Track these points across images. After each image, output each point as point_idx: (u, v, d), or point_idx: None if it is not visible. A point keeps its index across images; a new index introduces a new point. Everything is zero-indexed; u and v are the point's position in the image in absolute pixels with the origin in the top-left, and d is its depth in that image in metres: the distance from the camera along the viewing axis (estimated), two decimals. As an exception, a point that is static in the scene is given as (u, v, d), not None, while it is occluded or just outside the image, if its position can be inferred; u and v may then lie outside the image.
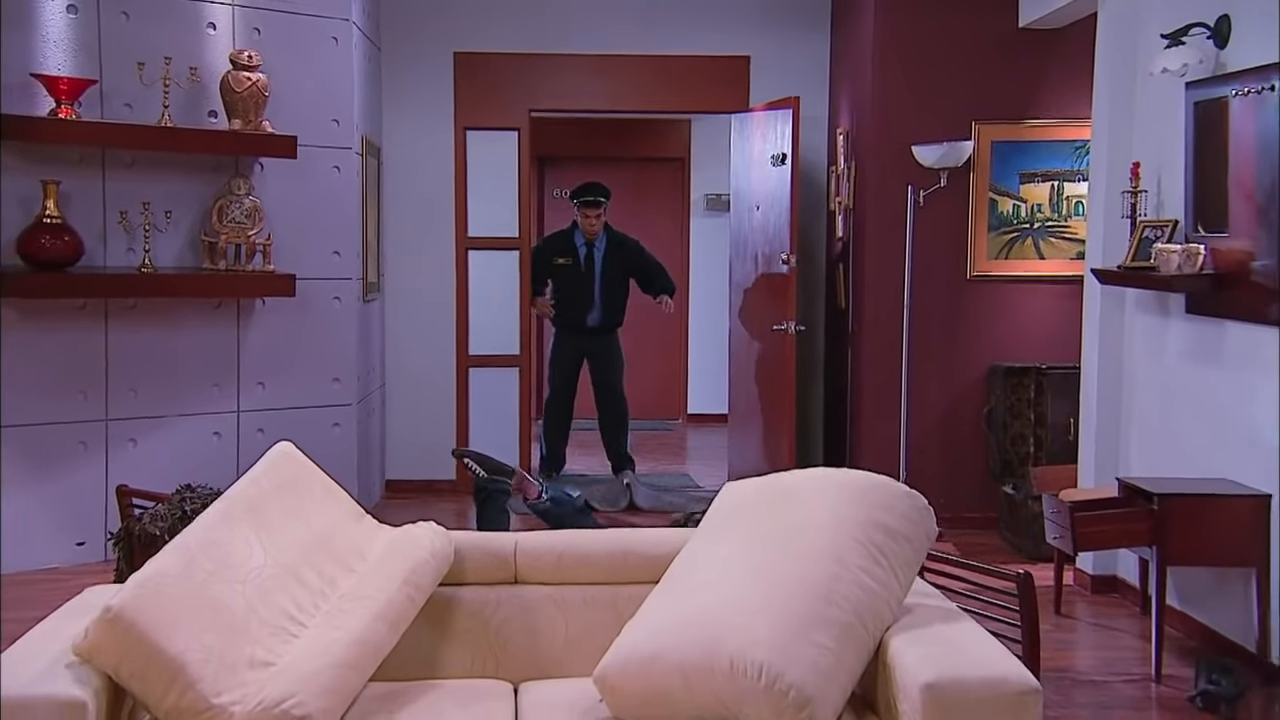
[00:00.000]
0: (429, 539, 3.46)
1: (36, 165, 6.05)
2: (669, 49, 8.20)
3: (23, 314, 6.10)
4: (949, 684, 2.90)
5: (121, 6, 6.26)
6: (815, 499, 3.37)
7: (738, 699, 2.98)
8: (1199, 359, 5.33)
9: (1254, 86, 4.88)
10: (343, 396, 7.04)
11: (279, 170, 6.69)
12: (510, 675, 3.48)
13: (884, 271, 7.37)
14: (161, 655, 2.86)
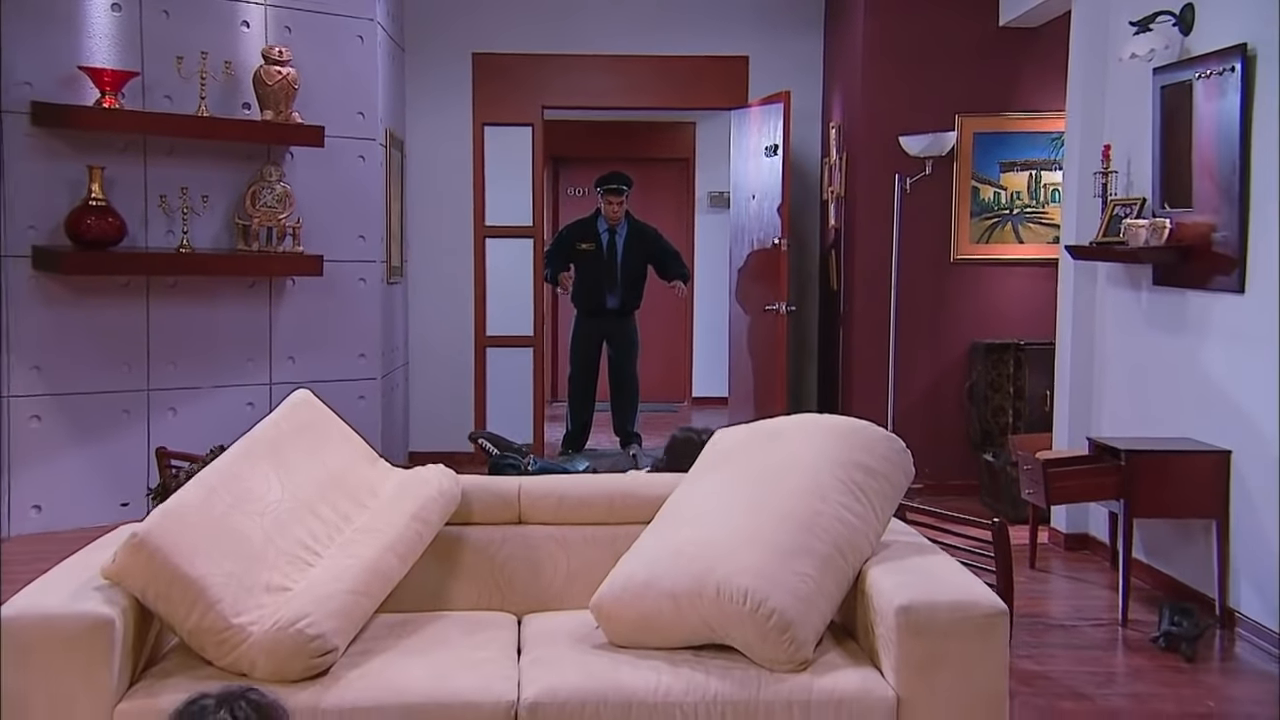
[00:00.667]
0: (437, 479, 3.44)
1: (83, 152, 6.04)
2: (672, 50, 8.17)
3: (72, 291, 6.10)
4: (922, 607, 2.89)
5: (162, 5, 6.25)
6: (800, 441, 3.35)
7: (724, 623, 2.97)
8: (1165, 328, 5.29)
9: (1216, 69, 4.84)
10: (367, 371, 7.02)
11: (308, 159, 6.67)
12: (514, 608, 3.47)
13: (873, 255, 7.34)
14: (184, 579, 2.85)
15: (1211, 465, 4.73)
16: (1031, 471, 5.10)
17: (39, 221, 6.01)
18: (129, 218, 6.14)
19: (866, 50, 7.31)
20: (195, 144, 6.34)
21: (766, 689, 2.87)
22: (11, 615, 2.75)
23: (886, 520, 3.26)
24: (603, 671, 2.95)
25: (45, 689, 2.72)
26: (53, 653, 2.72)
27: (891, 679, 2.90)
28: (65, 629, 2.74)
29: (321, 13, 6.74)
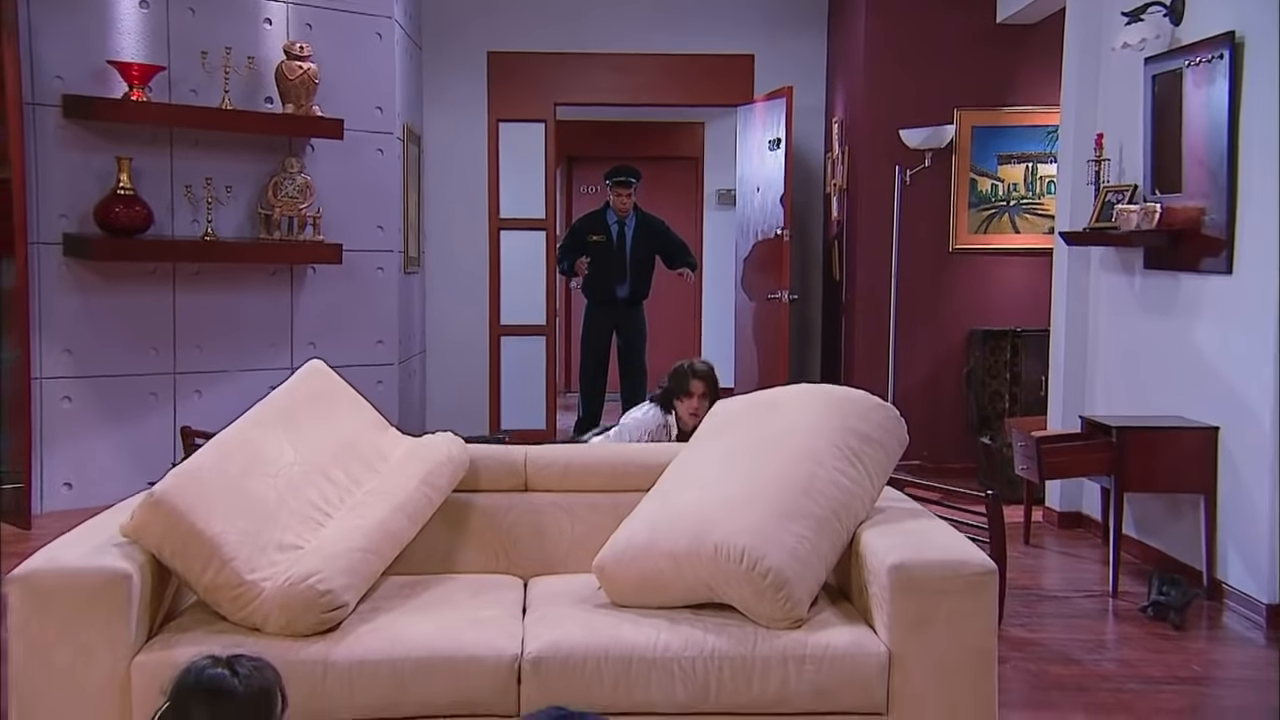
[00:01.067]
0: (446, 445, 3.44)
1: (111, 143, 6.04)
2: (680, 48, 8.16)
3: (102, 277, 6.11)
4: (914, 565, 2.87)
5: (188, 2, 6.26)
6: (797, 409, 3.33)
7: (722, 581, 2.95)
8: (1156, 310, 5.25)
9: (1205, 57, 4.80)
10: (385, 357, 7.01)
11: (328, 151, 6.67)
12: (520, 571, 3.46)
13: (874, 245, 7.31)
14: (199, 536, 2.84)
15: (1200, 441, 4.70)
16: (1026, 448, 5.07)
17: (70, 210, 6.01)
18: (156, 207, 6.15)
19: (868, 46, 7.29)
20: (219, 136, 6.34)
21: (762, 645, 2.86)
22: (34, 569, 2.76)
23: (881, 485, 3.25)
24: (604, 628, 2.93)
25: (66, 640, 2.71)
26: (73, 605, 2.72)
27: (884, 636, 2.88)
28: (85, 583, 2.74)
29: (341, 10, 6.74)
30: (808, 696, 2.83)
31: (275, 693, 2.26)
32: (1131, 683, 3.76)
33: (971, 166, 7.26)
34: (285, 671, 2.51)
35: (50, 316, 6.00)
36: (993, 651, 2.86)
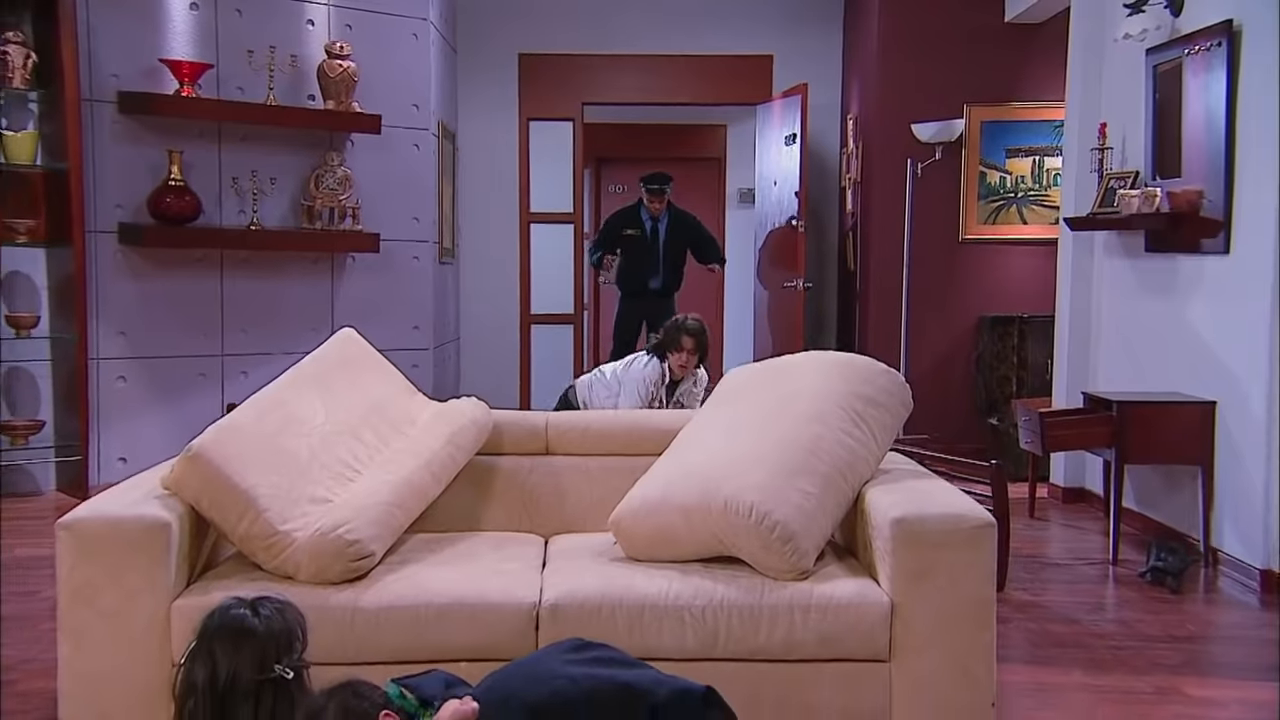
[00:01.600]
0: (471, 409, 3.44)
1: (163, 137, 6.09)
2: (703, 49, 8.15)
3: (154, 264, 6.16)
4: (915, 519, 2.85)
5: (235, 4, 6.30)
6: (805, 374, 3.31)
7: (731, 535, 2.94)
8: (1156, 291, 5.20)
9: (1204, 45, 4.75)
10: (421, 341, 7.03)
11: (366, 145, 6.69)
12: (541, 530, 3.46)
13: (887, 236, 7.27)
14: (235, 489, 2.86)
15: (1197, 415, 4.65)
16: (1030, 422, 5.03)
17: (124, 200, 6.07)
18: (204, 197, 6.19)
19: (882, 45, 7.25)
20: (264, 130, 6.36)
21: (769, 594, 2.84)
22: (80, 517, 2.78)
23: (886, 446, 3.22)
24: (619, 579, 2.93)
25: (110, 584, 2.73)
26: (117, 551, 2.74)
27: (886, 586, 2.86)
28: (127, 530, 2.76)
29: (380, 13, 6.76)
30: (813, 644, 2.81)
31: (295, 633, 2.27)
32: (1129, 641, 3.72)
33: (980, 160, 7.21)
34: (315, 617, 2.54)
35: (106, 301, 6.05)
36: (991, 602, 2.83)
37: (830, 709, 2.82)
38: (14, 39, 5.71)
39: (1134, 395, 4.90)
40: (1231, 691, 3.29)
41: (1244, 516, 4.46)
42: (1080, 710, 3.13)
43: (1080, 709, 3.14)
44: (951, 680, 2.81)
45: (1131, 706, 3.14)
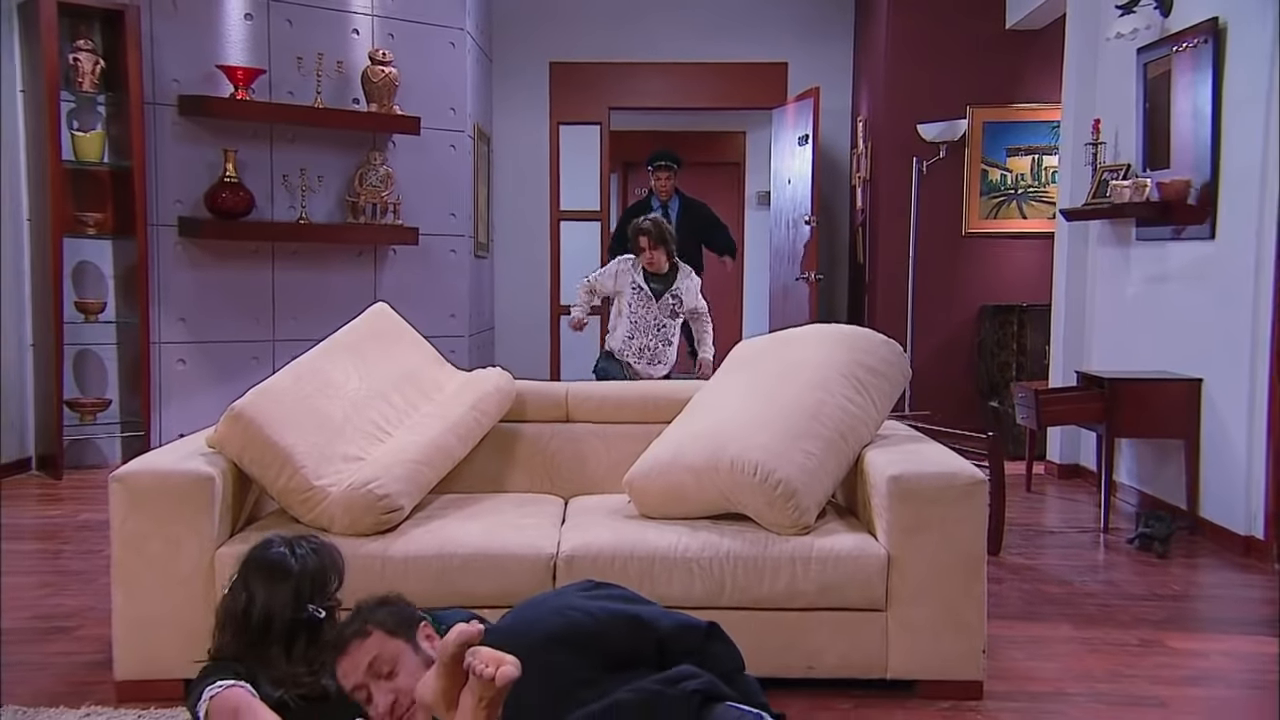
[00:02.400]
0: (495, 378, 3.44)
1: (219, 137, 6.12)
2: (721, 57, 8.12)
3: (210, 255, 6.20)
4: (911, 477, 2.82)
5: (286, 14, 6.32)
6: (809, 344, 3.29)
7: (737, 492, 2.92)
8: (1146, 275, 5.13)
9: (1191, 43, 4.68)
10: (457, 329, 7.04)
11: (406, 145, 6.70)
12: (561, 492, 3.46)
13: (894, 231, 7.21)
14: (274, 446, 2.87)
15: (1184, 392, 4.58)
16: (1026, 399, 4.97)
17: (183, 196, 6.10)
18: (257, 193, 6.22)
19: (890, 51, 7.19)
20: (312, 131, 6.38)
21: (773, 547, 2.83)
22: (131, 470, 2.80)
23: (885, 412, 3.19)
24: (631, 533, 2.92)
25: (159, 533, 2.75)
26: (164, 503, 2.76)
27: (883, 540, 2.84)
28: (174, 483, 2.78)
29: (420, 23, 6.77)
30: (813, 593, 2.79)
31: (330, 571, 2.27)
32: (1116, 599, 3.66)
33: (982, 158, 7.13)
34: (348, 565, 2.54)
35: (167, 289, 6.10)
36: (982, 555, 2.80)
37: (829, 654, 2.81)
38: (84, 47, 5.76)
39: (1124, 373, 4.84)
40: (1211, 644, 3.23)
41: (1227, 486, 4.38)
42: (1068, 660, 3.09)
43: (1069, 658, 3.10)
44: (944, 628, 2.79)
45: (1117, 657, 3.10)
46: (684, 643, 2.03)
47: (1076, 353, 5.77)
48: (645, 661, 1.99)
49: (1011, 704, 2.77)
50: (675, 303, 5.57)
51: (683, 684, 1.90)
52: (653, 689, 1.89)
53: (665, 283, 5.59)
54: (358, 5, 6.55)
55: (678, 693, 1.89)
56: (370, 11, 6.59)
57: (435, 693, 1.71)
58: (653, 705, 1.86)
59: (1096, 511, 4.89)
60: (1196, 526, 4.51)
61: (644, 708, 1.85)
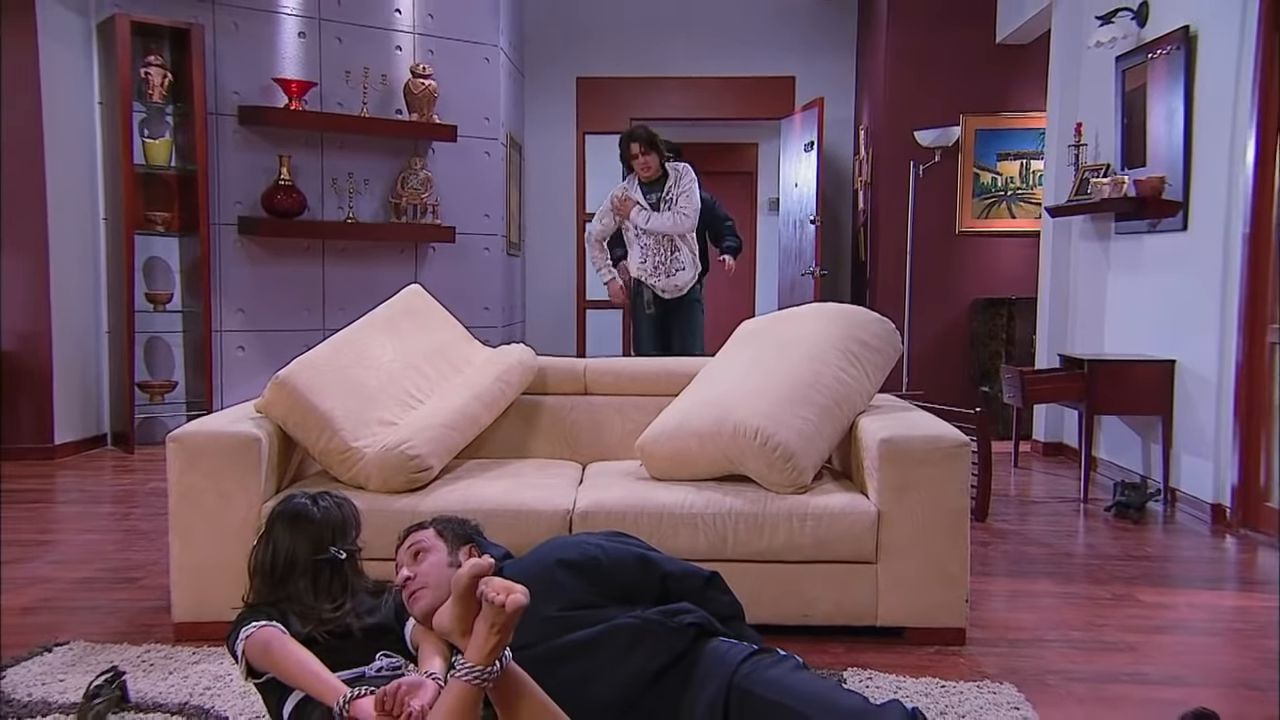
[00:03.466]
0: (518, 353, 3.44)
1: (274, 144, 6.16)
2: (734, 71, 8.08)
3: (267, 251, 6.23)
4: (899, 440, 2.80)
5: (336, 33, 6.34)
6: (806, 321, 3.27)
7: (740, 455, 2.90)
8: (1124, 265, 5.07)
9: (1164, 50, 4.62)
10: (491, 320, 7.04)
11: (445, 152, 6.71)
12: (580, 459, 3.45)
13: (893, 229, 7.17)
14: (315, 411, 2.88)
15: (1159, 372, 4.52)
16: (1013, 380, 4.92)
17: (242, 197, 6.14)
18: (309, 195, 6.25)
19: (889, 63, 7.14)
20: (359, 139, 6.40)
21: (772, 505, 2.81)
22: (187, 431, 2.82)
23: (877, 383, 3.16)
24: (642, 492, 2.91)
25: (211, 487, 2.77)
26: (216, 460, 2.77)
27: (874, 498, 2.82)
28: (224, 443, 2.79)
29: (457, 40, 6.78)
30: (809, 547, 2.77)
31: (349, 523, 2.27)
32: (1092, 559, 3.62)
33: (975, 162, 7.07)
34: (382, 520, 2.56)
35: (227, 282, 6.13)
36: (965, 512, 2.77)
37: (824, 603, 2.79)
38: (154, 62, 5.80)
39: (1103, 355, 4.78)
40: (1178, 598, 3.19)
41: (1197, 459, 4.33)
42: (1047, 611, 3.05)
43: (1047, 610, 3.06)
44: (930, 579, 2.76)
45: (1091, 609, 3.06)
46: (686, 586, 2.02)
47: (1060, 338, 5.71)
48: (649, 598, 1.98)
49: (992, 649, 2.74)
50: (671, 204, 5.29)
51: (679, 617, 1.89)
52: (651, 617, 1.88)
53: (660, 188, 5.33)
54: (401, 23, 6.56)
55: (674, 623, 1.88)
56: (412, 29, 6.61)
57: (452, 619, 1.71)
58: (649, 631, 1.85)
59: (1077, 483, 4.84)
60: (1170, 496, 4.45)
61: (640, 633, 1.85)
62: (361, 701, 1.76)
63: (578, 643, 1.86)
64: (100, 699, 2.21)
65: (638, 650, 1.84)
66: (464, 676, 1.63)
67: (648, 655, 1.83)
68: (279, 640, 1.94)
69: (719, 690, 1.77)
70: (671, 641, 1.83)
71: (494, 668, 1.64)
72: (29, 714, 2.26)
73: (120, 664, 2.40)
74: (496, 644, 1.63)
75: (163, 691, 2.38)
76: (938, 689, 2.44)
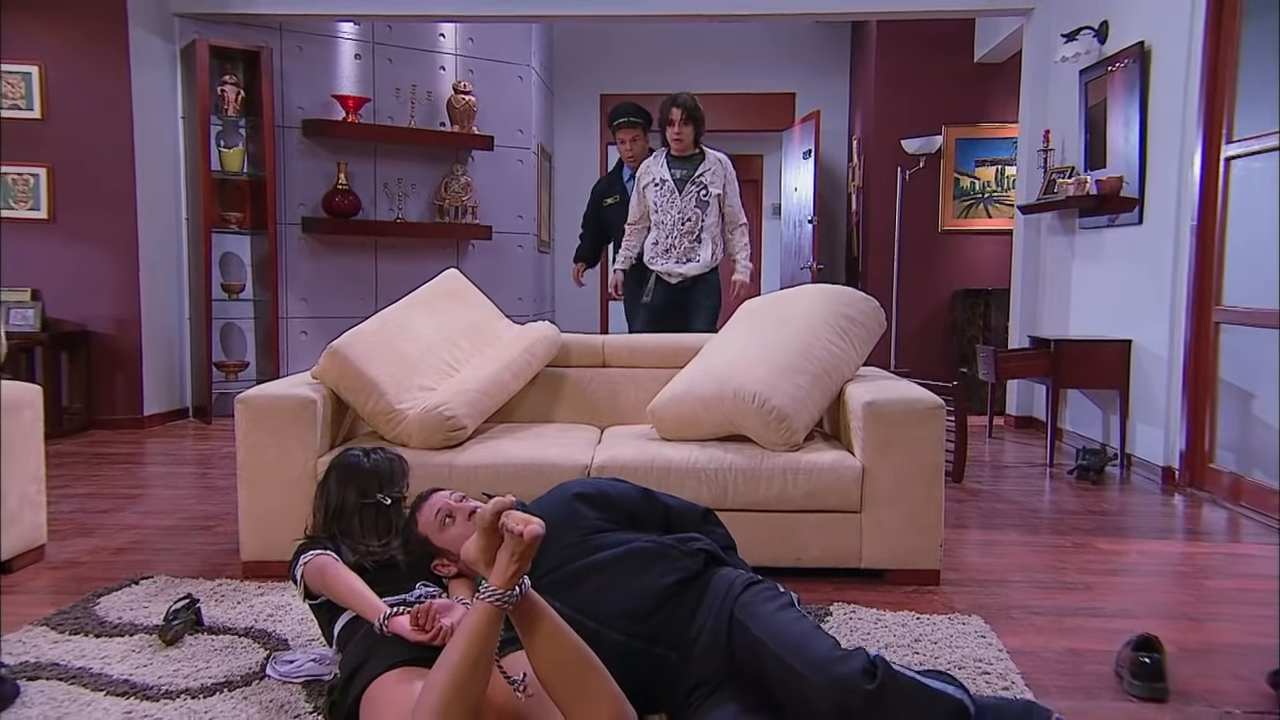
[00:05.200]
0: (544, 329, 3.44)
1: (334, 153, 6.19)
2: (742, 88, 8.05)
3: (326, 247, 6.27)
4: (882, 403, 2.79)
5: (387, 55, 6.37)
6: (800, 299, 3.25)
7: (739, 417, 2.90)
8: (1087, 256, 5.02)
9: (1122, 64, 4.56)
10: (523, 309, 7.05)
11: (482, 159, 6.73)
12: (597, 424, 3.45)
13: (882, 228, 7.12)
14: (364, 376, 2.89)
15: (1117, 351, 4.47)
16: (987, 358, 4.88)
17: (305, 200, 6.18)
18: (363, 198, 6.28)
19: (878, 80, 7.10)
20: (407, 148, 6.43)
21: (767, 461, 2.80)
22: (253, 394, 2.84)
23: (863, 354, 3.14)
24: (652, 450, 2.91)
25: (273, 443, 2.79)
26: (278, 420, 2.80)
27: (859, 455, 2.81)
28: (285, 405, 2.81)
29: (494, 60, 6.79)
30: (800, 498, 2.77)
31: (397, 474, 2.28)
32: (1055, 514, 3.59)
33: (955, 168, 7.02)
34: (422, 473, 2.57)
35: (292, 275, 6.18)
36: (940, 467, 2.76)
37: (814, 548, 2.78)
38: (229, 81, 5.85)
39: (1068, 336, 4.74)
40: (1130, 546, 3.16)
41: (1150, 427, 4.28)
42: (1013, 557, 3.04)
43: (1013, 556, 3.05)
44: (909, 526, 2.75)
45: (1053, 555, 3.04)
46: (686, 519, 2.02)
47: (1031, 320, 5.66)
48: (654, 527, 1.99)
49: (963, 588, 2.73)
50: (700, 190, 4.31)
51: (690, 543, 1.90)
52: (666, 541, 1.89)
53: (690, 167, 4.33)
54: (444, 46, 6.58)
55: (687, 548, 1.88)
56: (454, 51, 6.63)
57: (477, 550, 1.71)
58: (664, 553, 1.86)
59: (1044, 451, 4.80)
60: (1126, 461, 4.41)
61: (656, 553, 1.85)
62: (399, 619, 1.77)
63: (600, 562, 1.86)
64: (178, 620, 2.24)
65: (653, 568, 1.84)
66: (487, 598, 1.64)
67: (661, 573, 1.83)
68: (332, 566, 1.96)
69: (722, 617, 1.78)
70: (684, 562, 1.84)
71: (514, 591, 1.64)
72: (119, 633, 2.30)
73: (195, 595, 2.43)
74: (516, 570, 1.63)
75: (231, 617, 2.42)
76: (914, 621, 2.43)
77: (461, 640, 1.56)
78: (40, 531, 2.96)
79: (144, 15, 5.54)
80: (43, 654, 2.17)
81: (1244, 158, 3.78)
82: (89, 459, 4.61)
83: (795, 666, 1.59)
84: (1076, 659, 2.20)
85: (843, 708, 1.52)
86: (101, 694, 1.96)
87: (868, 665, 1.55)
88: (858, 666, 1.55)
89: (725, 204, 4.43)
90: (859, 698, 1.51)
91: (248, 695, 1.96)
